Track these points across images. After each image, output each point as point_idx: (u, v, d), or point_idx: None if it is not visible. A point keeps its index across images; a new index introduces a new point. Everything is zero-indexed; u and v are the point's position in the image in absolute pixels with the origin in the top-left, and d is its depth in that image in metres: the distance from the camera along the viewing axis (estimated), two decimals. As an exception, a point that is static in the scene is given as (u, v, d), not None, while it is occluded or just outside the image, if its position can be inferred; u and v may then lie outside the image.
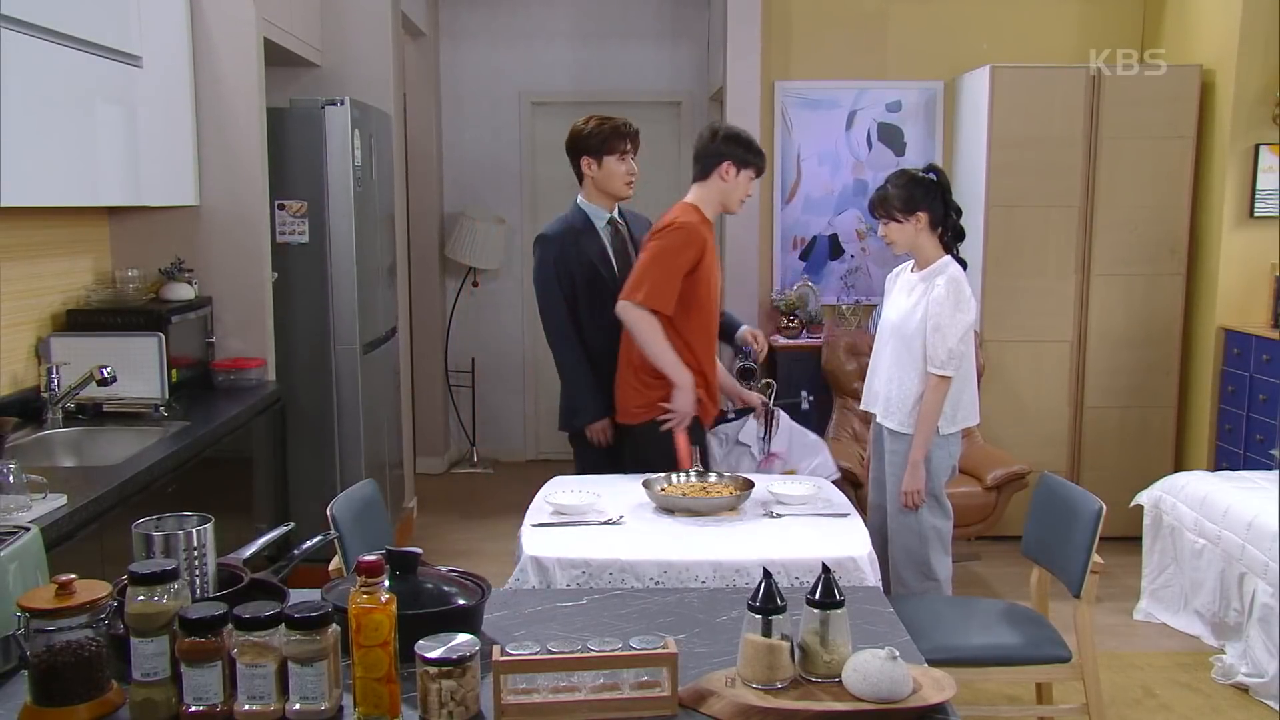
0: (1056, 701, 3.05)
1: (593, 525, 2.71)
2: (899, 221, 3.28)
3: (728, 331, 3.64)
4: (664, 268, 3.18)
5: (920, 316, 3.23)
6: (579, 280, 3.43)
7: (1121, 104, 4.78)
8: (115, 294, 3.59)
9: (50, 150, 2.88)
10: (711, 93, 6.01)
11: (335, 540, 2.54)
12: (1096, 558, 2.69)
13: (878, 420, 3.41)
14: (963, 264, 3.30)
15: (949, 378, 3.20)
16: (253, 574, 1.82)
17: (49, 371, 3.15)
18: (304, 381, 4.22)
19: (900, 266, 3.48)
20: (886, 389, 3.34)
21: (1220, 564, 3.76)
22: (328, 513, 2.59)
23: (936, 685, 1.59)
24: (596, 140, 3.41)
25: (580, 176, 3.49)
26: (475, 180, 6.35)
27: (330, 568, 2.64)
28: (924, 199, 3.25)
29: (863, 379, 3.61)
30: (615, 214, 3.51)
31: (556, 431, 3.59)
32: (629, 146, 3.43)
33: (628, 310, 3.20)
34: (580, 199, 3.51)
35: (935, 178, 3.29)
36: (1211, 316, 4.80)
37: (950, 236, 3.30)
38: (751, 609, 1.61)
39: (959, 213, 3.31)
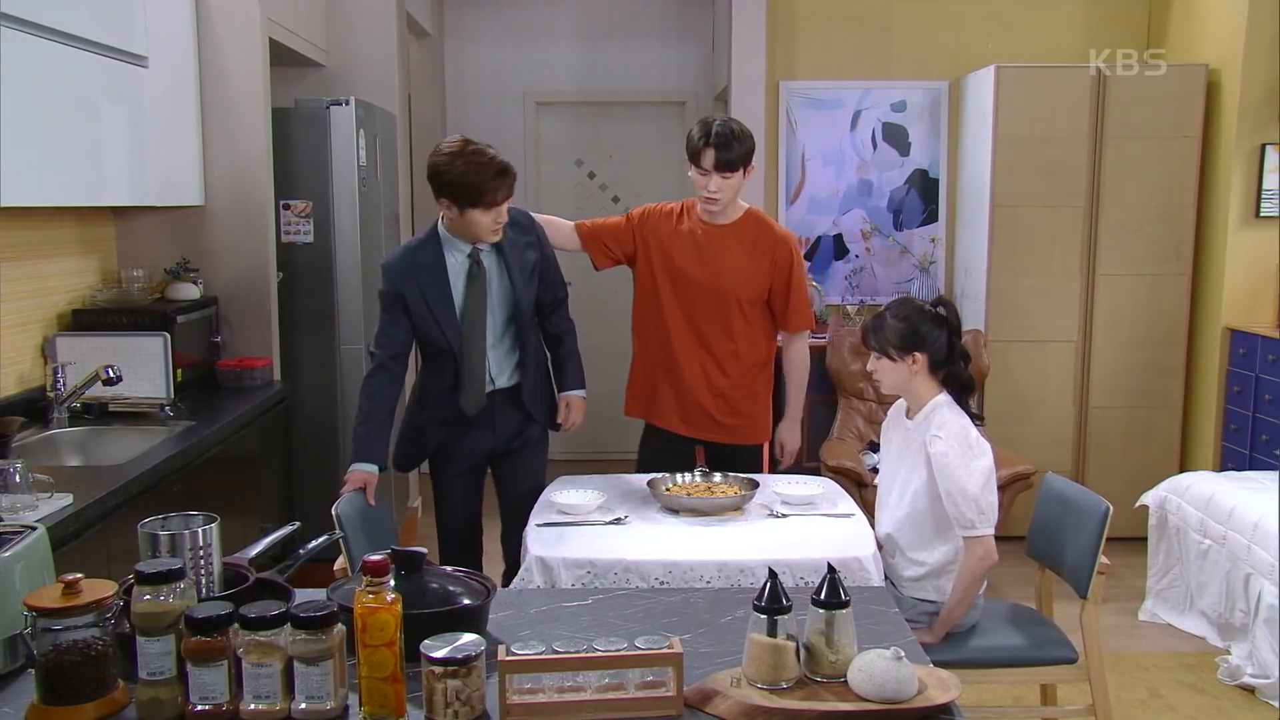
0: (1061, 702, 3.04)
1: (597, 525, 2.71)
2: (892, 360, 2.72)
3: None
4: None
5: (924, 479, 2.68)
6: (415, 320, 2.93)
7: (1127, 104, 4.77)
8: (121, 294, 3.60)
9: (56, 150, 2.88)
10: (716, 92, 6.00)
11: (340, 540, 2.54)
12: (1102, 558, 2.69)
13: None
14: (976, 418, 2.72)
15: (986, 535, 2.59)
16: (258, 573, 1.83)
17: (55, 371, 3.16)
18: (309, 381, 4.23)
19: (896, 409, 2.90)
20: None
21: (1226, 565, 3.75)
22: (333, 512, 2.60)
23: (942, 685, 1.59)
24: (462, 190, 2.75)
25: None
26: (480, 180, 6.34)
27: (335, 567, 2.65)
28: (927, 337, 2.70)
29: (867, 378, 3.56)
30: (487, 246, 2.93)
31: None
32: (505, 194, 2.80)
33: None
34: (441, 227, 2.93)
35: (945, 313, 2.74)
36: (1217, 316, 4.79)
37: (957, 388, 2.73)
38: (757, 609, 1.61)
39: (967, 359, 2.75)
